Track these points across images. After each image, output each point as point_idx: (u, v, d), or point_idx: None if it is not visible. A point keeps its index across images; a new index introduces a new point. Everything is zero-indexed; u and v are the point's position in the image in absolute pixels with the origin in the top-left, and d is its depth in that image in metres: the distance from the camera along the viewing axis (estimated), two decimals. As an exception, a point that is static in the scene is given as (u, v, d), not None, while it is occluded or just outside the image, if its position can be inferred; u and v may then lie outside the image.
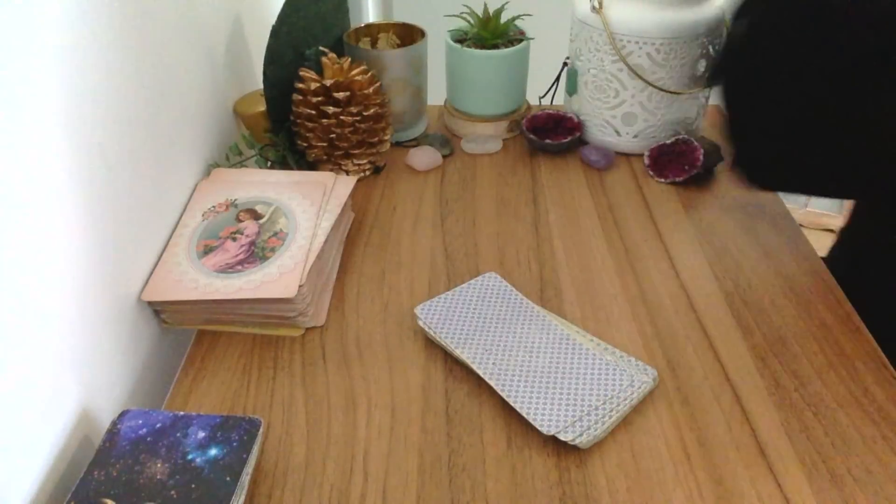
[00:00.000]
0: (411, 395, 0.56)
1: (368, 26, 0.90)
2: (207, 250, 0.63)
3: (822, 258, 0.84)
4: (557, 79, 0.92)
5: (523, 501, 0.48)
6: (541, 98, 0.93)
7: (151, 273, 0.62)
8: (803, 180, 0.58)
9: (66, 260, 0.49)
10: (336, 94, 0.76)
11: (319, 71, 0.78)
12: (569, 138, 0.86)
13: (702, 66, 0.82)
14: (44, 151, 0.47)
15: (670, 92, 0.81)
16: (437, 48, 0.94)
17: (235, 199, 0.69)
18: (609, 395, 0.53)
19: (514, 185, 0.82)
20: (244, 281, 0.60)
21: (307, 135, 0.79)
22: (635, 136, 0.85)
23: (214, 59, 0.79)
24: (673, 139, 0.82)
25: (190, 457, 0.46)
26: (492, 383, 0.55)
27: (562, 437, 0.51)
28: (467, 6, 0.88)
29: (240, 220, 0.67)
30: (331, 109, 0.76)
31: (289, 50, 0.78)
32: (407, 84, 0.86)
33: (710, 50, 0.82)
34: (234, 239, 0.64)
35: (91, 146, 0.52)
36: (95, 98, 0.53)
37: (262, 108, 0.82)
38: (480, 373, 0.55)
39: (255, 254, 0.63)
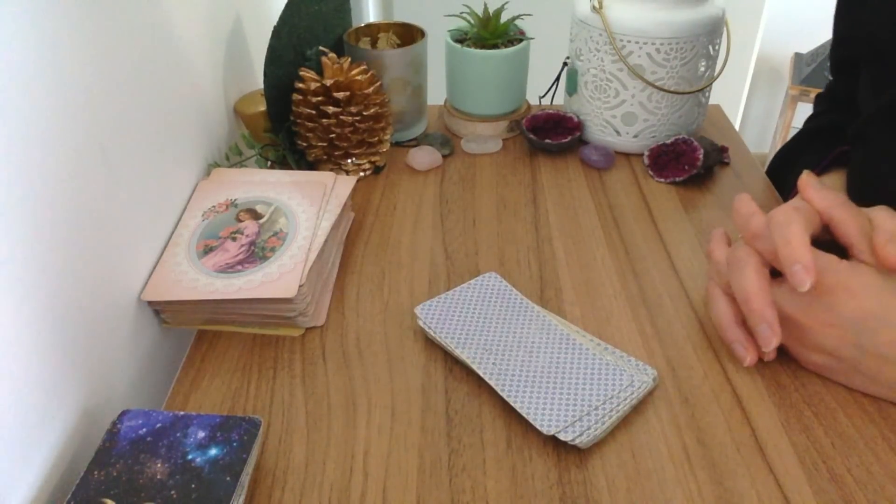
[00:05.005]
0: (411, 395, 0.56)
1: (368, 26, 0.90)
2: (207, 250, 0.63)
3: None
4: (557, 79, 0.92)
5: (523, 501, 0.48)
6: (541, 98, 0.93)
7: (151, 273, 0.62)
8: None
9: (65, 259, 0.49)
10: (336, 94, 0.76)
11: (319, 71, 0.79)
12: (569, 138, 0.86)
13: (702, 66, 0.82)
14: (45, 151, 0.47)
15: (670, 92, 0.81)
16: (437, 48, 0.94)
17: (235, 199, 0.69)
18: (609, 395, 0.53)
19: (514, 185, 0.82)
20: (244, 281, 0.60)
21: (307, 135, 0.79)
22: (635, 136, 0.85)
23: (214, 59, 0.79)
24: (673, 139, 0.82)
25: (190, 457, 0.46)
26: (492, 383, 0.55)
27: (562, 437, 0.51)
28: (467, 6, 0.88)
29: (240, 220, 0.67)
30: (331, 109, 0.76)
31: (289, 50, 0.78)
32: (407, 84, 0.86)
33: (710, 50, 0.82)
34: (234, 239, 0.64)
35: (91, 146, 0.53)
36: (96, 98, 0.53)
37: (262, 108, 0.82)
38: (480, 373, 0.55)
39: (255, 254, 0.63)
